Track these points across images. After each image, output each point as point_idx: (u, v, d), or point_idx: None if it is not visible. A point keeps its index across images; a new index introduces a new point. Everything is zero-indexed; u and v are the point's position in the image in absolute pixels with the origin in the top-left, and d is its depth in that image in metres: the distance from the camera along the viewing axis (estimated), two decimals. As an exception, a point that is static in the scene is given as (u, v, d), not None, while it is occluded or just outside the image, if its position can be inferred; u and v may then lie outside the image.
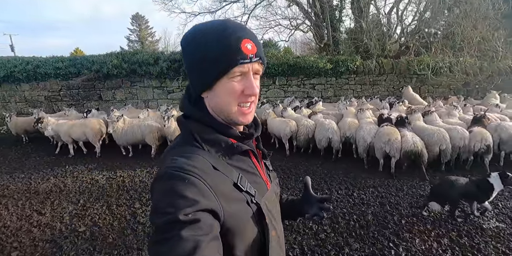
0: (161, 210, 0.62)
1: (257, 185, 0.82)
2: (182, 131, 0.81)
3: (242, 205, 0.75)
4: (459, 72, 8.22)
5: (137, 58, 8.15)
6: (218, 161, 0.74)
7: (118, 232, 3.31)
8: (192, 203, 0.62)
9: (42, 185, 4.75)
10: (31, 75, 8.49)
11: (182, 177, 0.64)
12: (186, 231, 0.59)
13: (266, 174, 0.91)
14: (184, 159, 0.69)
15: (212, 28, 0.73)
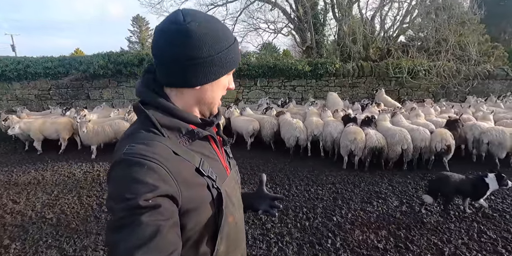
0: (120, 196, 0.61)
1: (218, 171, 0.83)
2: (140, 117, 0.79)
3: (202, 189, 0.76)
4: (434, 75, 8.48)
5: (122, 59, 8.50)
6: (179, 147, 0.75)
7: (82, 219, 3.60)
8: (152, 189, 0.61)
9: (22, 178, 5.05)
10: (21, 74, 8.86)
11: (141, 163, 0.64)
12: (147, 216, 0.59)
13: (226, 160, 0.93)
14: (142, 145, 0.68)
15: (219, 27, 0.77)
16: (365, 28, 9.38)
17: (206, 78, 0.77)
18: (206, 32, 0.73)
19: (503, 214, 3.57)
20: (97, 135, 5.66)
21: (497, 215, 3.55)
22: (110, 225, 0.62)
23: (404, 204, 3.94)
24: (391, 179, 4.85)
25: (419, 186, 4.54)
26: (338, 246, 3.02)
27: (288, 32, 11.22)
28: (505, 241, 3.05)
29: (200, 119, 0.83)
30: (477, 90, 9.36)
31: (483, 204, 3.62)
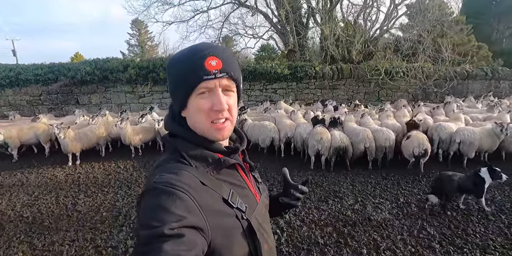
0: (147, 223, 0.62)
1: (247, 199, 0.83)
2: (170, 149, 0.82)
3: (231, 220, 0.75)
4: (409, 76, 8.71)
5: (108, 66, 8.88)
6: (206, 176, 0.75)
7: (56, 217, 3.93)
8: (179, 219, 0.62)
9: (7, 180, 5.39)
10: (13, 81, 9.27)
11: (169, 192, 0.65)
12: (169, 245, 0.59)
13: (255, 186, 0.92)
14: (172, 174, 0.70)
15: (183, 52, 0.79)
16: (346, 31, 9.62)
17: (176, 104, 0.82)
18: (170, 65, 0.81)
19: (450, 212, 3.78)
20: (80, 142, 5.92)
21: (442, 213, 3.77)
22: (136, 250, 0.63)
23: (358, 202, 4.18)
24: (354, 179, 5.11)
25: (379, 185, 4.80)
26: (283, 241, 3.25)
27: (268, 37, 11.54)
28: (442, 237, 3.26)
29: (225, 147, 0.84)
30: (457, 90, 9.59)
31: (484, 207, 3.75)
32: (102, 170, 5.78)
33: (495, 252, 2.98)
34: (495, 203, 4.02)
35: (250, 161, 0.94)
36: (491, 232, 3.32)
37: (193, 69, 0.74)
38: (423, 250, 3.04)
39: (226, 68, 0.76)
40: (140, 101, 9.55)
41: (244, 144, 0.92)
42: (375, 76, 8.86)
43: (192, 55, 0.76)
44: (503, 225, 3.49)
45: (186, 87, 0.76)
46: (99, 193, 4.67)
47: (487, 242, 3.13)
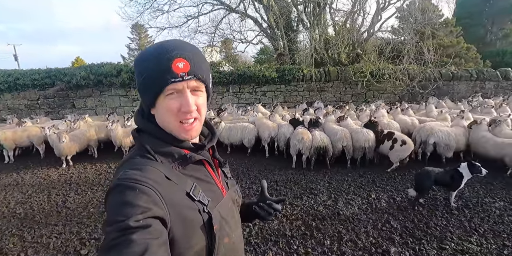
0: (112, 219, 0.64)
1: (212, 193, 0.85)
2: (136, 144, 0.84)
3: (193, 213, 0.76)
4: (393, 78, 8.96)
5: (102, 70, 9.24)
6: (172, 171, 0.77)
7: (46, 213, 4.21)
8: (143, 210, 0.64)
9: (4, 180, 5.69)
10: (12, 86, 9.65)
11: (132, 187, 0.67)
12: (136, 235, 0.60)
13: (223, 182, 0.94)
14: (135, 170, 0.71)
15: (150, 51, 0.78)
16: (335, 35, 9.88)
17: (144, 102, 0.83)
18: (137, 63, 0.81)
19: (417, 207, 3.97)
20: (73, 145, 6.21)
21: (410, 207, 3.96)
22: (102, 247, 0.63)
23: (331, 198, 4.40)
24: (331, 177, 5.35)
25: (354, 183, 5.02)
26: (253, 234, 3.48)
27: (258, 41, 11.85)
28: (404, 229, 3.45)
29: (192, 144, 0.85)
30: (442, 91, 9.82)
31: (451, 201, 3.95)
32: (94, 170, 6.07)
33: (451, 243, 3.14)
34: (462, 199, 4.21)
35: (219, 157, 0.96)
36: (451, 225, 3.52)
37: (161, 72, 0.74)
38: (383, 241, 3.26)
39: (193, 70, 0.76)
40: (133, 105, 9.89)
41: (214, 140, 0.93)
42: (360, 78, 9.11)
43: (159, 56, 0.75)
44: (464, 218, 3.66)
45: (154, 88, 0.76)
46: (88, 191, 4.95)
47: (445, 234, 3.33)
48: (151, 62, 0.76)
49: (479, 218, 3.66)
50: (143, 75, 0.77)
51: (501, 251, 2.99)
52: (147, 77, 0.77)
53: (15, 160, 6.88)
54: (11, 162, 6.77)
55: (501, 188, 4.52)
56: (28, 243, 3.43)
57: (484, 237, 3.25)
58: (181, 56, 0.75)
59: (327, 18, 10.89)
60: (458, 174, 3.80)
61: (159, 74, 0.74)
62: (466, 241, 3.20)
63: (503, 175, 4.97)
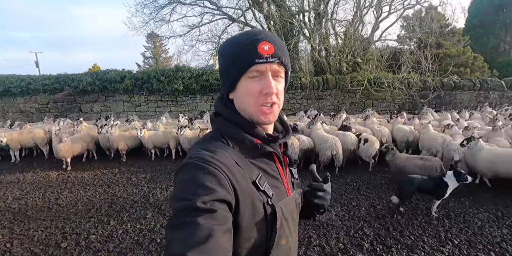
0: (181, 196, 0.66)
1: (277, 190, 0.82)
2: (212, 127, 0.86)
3: (257, 203, 0.75)
4: (391, 87, 8.93)
5: (107, 77, 9.72)
6: (241, 158, 0.77)
7: (38, 209, 4.48)
8: (210, 192, 0.64)
9: (7, 177, 6.05)
10: (24, 90, 10.28)
11: (202, 167, 0.68)
12: (202, 219, 0.61)
13: (289, 181, 0.91)
14: (208, 151, 0.72)
15: (236, 36, 0.81)
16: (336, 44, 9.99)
17: (225, 84, 0.83)
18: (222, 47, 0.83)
19: (396, 215, 3.94)
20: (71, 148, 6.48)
21: (389, 216, 3.93)
22: (170, 223, 0.65)
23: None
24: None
25: (339, 190, 5.00)
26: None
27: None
28: (376, 237, 3.46)
29: (267, 135, 0.84)
30: (444, 101, 9.67)
31: (433, 210, 3.92)
32: (91, 171, 6.36)
33: (421, 252, 3.10)
34: (446, 209, 4.14)
35: (290, 155, 0.94)
36: (427, 235, 3.47)
37: (246, 52, 0.76)
38: (351, 247, 3.27)
39: (277, 53, 0.77)
40: (136, 110, 10.29)
41: (288, 136, 0.91)
42: (357, 86, 9.14)
43: (245, 39, 0.77)
44: (442, 228, 3.60)
45: (238, 69, 0.77)
46: (81, 190, 5.21)
47: (418, 243, 3.29)
48: (237, 45, 0.78)
49: (457, 229, 3.61)
50: (227, 57, 0.80)
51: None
52: (232, 58, 0.78)
53: (21, 160, 7.28)
54: (17, 161, 7.16)
55: (489, 199, 4.41)
56: (15, 235, 3.68)
57: (458, 248, 3.21)
58: (266, 39, 0.77)
59: (328, 27, 11.04)
60: (444, 183, 3.75)
61: (245, 55, 0.76)
62: (438, 250, 3.17)
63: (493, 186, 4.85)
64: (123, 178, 5.84)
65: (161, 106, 10.03)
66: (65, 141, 6.18)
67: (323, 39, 10.15)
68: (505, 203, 4.24)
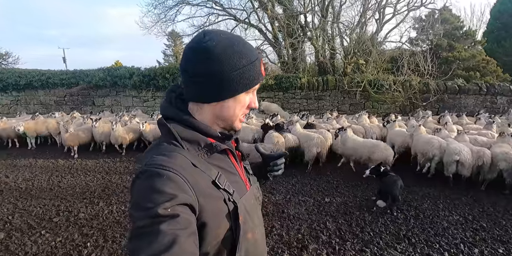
0: (141, 205, 0.65)
1: (236, 185, 0.85)
2: (163, 132, 0.83)
3: (219, 202, 0.77)
4: (392, 89, 8.88)
5: (117, 73, 10.42)
6: (197, 159, 0.77)
7: (41, 189, 5.06)
8: (171, 197, 0.64)
9: (21, 161, 6.76)
10: (44, 84, 11.22)
11: (160, 173, 0.67)
12: (165, 225, 0.61)
13: (245, 176, 0.95)
14: (163, 156, 0.72)
15: (240, 47, 0.79)
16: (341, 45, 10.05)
17: (221, 95, 0.80)
18: (223, 51, 0.76)
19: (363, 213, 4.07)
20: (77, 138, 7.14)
21: (358, 213, 4.06)
22: (131, 233, 0.64)
23: (285, 198, 4.61)
24: (299, 180, 5.55)
25: (318, 186, 5.13)
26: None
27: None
28: (336, 231, 3.61)
29: (220, 133, 0.85)
30: (448, 105, 9.48)
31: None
32: (94, 160, 6.94)
33: (374, 247, 3.23)
34: (417, 209, 4.19)
35: (242, 150, 0.98)
36: (387, 232, 3.57)
37: (256, 73, 0.80)
38: (309, 238, 3.44)
39: None
40: (144, 105, 10.94)
41: (238, 133, 0.93)
42: (354, 87, 9.18)
43: (251, 55, 0.79)
44: (405, 227, 3.66)
45: (249, 86, 0.80)
46: (81, 176, 5.78)
47: (374, 239, 3.40)
48: (244, 59, 0.78)
49: (420, 229, 3.66)
50: (235, 69, 0.78)
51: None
52: (241, 73, 0.78)
53: (36, 147, 8.08)
54: (32, 148, 7.95)
55: (468, 204, 4.39)
56: (17, 210, 4.25)
57: (413, 246, 3.28)
58: (261, 58, 0.83)
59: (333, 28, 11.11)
60: None
61: (255, 75, 0.80)
62: (392, 247, 3.26)
63: (475, 191, 4.81)
64: (122, 167, 6.36)
65: (167, 102, 10.57)
66: (71, 131, 6.82)
67: (328, 40, 10.24)
68: (482, 208, 4.26)
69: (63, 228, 3.71)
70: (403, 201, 4.36)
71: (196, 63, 0.78)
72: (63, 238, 3.44)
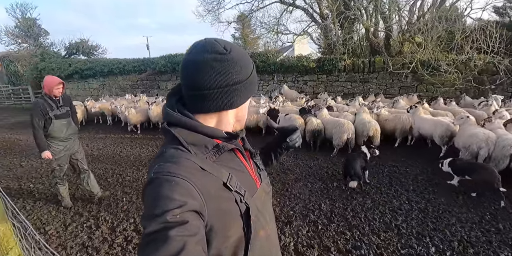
0: (150, 212, 0.66)
1: (247, 184, 0.86)
2: (168, 138, 0.83)
3: (230, 203, 0.78)
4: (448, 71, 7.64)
5: (176, 60, 11.75)
6: (206, 162, 0.78)
7: (106, 156, 6.52)
8: (180, 204, 0.65)
9: (99, 135, 8.62)
10: (122, 70, 13.47)
11: (168, 180, 0.68)
12: (174, 231, 0.62)
13: (256, 172, 0.96)
14: (170, 163, 0.73)
15: (246, 55, 0.84)
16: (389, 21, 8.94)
17: (242, 100, 0.86)
18: (239, 59, 0.80)
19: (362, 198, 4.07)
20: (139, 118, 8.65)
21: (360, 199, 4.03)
22: (142, 240, 0.64)
23: (296, 178, 4.87)
24: (314, 162, 5.71)
25: (331, 170, 5.26)
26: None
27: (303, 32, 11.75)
28: (328, 212, 3.71)
29: (226, 133, 0.86)
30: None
31: None
32: (151, 136, 8.39)
33: (357, 232, 3.27)
34: (429, 202, 3.95)
35: (250, 148, 0.98)
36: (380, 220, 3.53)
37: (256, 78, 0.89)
38: (298, 215, 3.63)
39: None
40: (196, 87, 12.12)
41: (244, 132, 0.95)
42: (402, 69, 8.22)
43: (252, 63, 0.86)
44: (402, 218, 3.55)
45: (252, 92, 0.88)
46: (138, 147, 7.17)
47: (362, 224, 3.44)
48: (250, 68, 0.84)
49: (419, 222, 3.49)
50: (248, 78, 0.83)
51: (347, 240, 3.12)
52: (250, 81, 0.83)
53: (113, 123, 10.10)
54: (110, 124, 9.99)
55: (494, 203, 3.85)
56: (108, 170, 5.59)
57: (399, 236, 3.20)
58: None
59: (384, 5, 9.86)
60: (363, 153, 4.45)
61: (255, 81, 0.88)
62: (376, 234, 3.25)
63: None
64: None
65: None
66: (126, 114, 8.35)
67: (379, 18, 9.24)
68: None
69: (112, 186, 4.90)
70: (417, 193, 4.15)
71: (221, 74, 0.78)
72: (110, 193, 4.58)
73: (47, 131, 3.64)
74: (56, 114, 3.66)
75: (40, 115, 3.53)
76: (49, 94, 3.61)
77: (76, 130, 4.00)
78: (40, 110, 3.52)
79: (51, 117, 3.62)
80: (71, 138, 3.90)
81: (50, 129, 3.65)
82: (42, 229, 3.56)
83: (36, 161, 6.30)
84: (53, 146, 3.73)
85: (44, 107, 3.55)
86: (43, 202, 4.29)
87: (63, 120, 3.76)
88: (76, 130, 4.01)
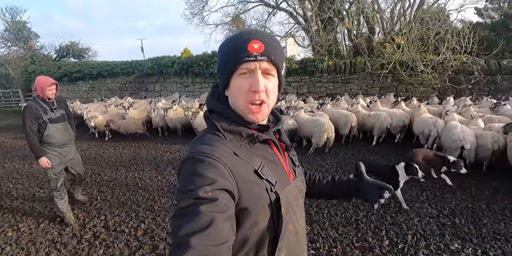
0: (184, 188, 0.71)
1: (279, 176, 0.86)
2: (207, 124, 0.89)
3: (260, 190, 0.80)
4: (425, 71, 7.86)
5: (162, 62, 11.98)
6: (240, 149, 0.81)
7: (109, 157, 6.64)
8: (211, 182, 0.69)
9: (85, 136, 8.77)
10: (110, 73, 13.64)
11: (202, 160, 0.73)
12: (204, 207, 0.66)
13: (290, 168, 0.96)
14: (206, 145, 0.78)
15: (231, 36, 0.85)
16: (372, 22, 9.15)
17: (220, 83, 0.87)
18: (219, 47, 0.87)
19: None
20: None
21: None
22: (175, 213, 0.70)
23: None
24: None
25: (304, 167, 5.50)
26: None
27: (285, 34, 11.99)
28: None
29: (258, 125, 0.87)
30: (502, 87, 8.03)
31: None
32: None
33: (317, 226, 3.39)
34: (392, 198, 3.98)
35: (286, 140, 0.98)
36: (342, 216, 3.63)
37: (237, 50, 0.79)
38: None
39: (267, 52, 0.79)
40: (186, 90, 12.43)
41: (280, 124, 0.96)
42: (380, 70, 8.44)
43: (238, 38, 0.81)
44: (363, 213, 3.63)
45: (229, 67, 0.80)
46: (120, 149, 7.29)
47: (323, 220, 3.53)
48: (230, 44, 0.83)
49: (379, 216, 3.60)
50: (222, 55, 0.85)
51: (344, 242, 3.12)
52: (225, 57, 0.83)
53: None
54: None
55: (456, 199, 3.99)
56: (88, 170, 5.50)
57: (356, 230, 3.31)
58: (257, 38, 0.80)
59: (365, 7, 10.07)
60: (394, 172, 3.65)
61: (236, 53, 0.79)
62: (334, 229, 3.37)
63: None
64: (151, 144, 7.70)
65: (204, 87, 11.87)
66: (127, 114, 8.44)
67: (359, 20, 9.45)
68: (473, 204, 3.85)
69: (89, 185, 5.02)
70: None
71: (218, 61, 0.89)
72: (86, 192, 4.71)
73: (41, 137, 3.34)
74: (50, 117, 3.37)
75: (33, 118, 3.23)
76: (41, 96, 3.33)
77: (73, 135, 3.71)
78: (32, 113, 3.22)
79: (45, 121, 3.32)
80: (67, 144, 3.62)
81: (45, 134, 3.34)
82: (15, 227, 3.68)
83: (19, 162, 6.41)
84: (48, 152, 3.42)
85: (37, 110, 3.26)
86: (20, 201, 4.41)
87: (59, 125, 3.46)
88: (73, 136, 3.72)
